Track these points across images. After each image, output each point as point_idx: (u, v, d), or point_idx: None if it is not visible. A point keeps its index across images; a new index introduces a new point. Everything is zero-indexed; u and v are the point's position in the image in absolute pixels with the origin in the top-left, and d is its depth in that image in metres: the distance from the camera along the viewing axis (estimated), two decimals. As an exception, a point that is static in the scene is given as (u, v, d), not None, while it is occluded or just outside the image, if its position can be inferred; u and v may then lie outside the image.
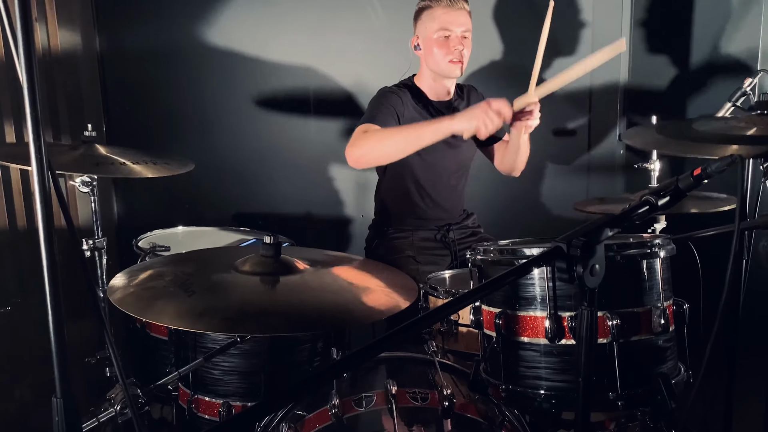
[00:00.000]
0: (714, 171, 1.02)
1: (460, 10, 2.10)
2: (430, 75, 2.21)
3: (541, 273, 1.26)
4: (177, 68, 2.82)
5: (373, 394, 1.33)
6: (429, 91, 2.23)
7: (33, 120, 0.87)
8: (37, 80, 0.86)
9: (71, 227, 1.04)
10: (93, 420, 1.38)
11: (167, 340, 1.80)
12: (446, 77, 2.19)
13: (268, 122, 2.88)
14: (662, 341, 1.28)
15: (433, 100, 2.23)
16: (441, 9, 2.10)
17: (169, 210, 2.77)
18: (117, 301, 1.27)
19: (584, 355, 1.00)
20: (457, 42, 2.10)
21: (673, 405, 1.23)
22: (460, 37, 2.11)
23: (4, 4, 0.91)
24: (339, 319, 1.32)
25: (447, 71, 2.15)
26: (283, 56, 2.83)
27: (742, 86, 2.03)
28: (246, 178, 2.91)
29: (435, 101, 2.23)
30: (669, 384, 1.25)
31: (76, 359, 1.96)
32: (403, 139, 1.90)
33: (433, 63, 2.16)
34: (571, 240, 0.95)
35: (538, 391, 1.27)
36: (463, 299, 1.03)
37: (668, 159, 2.17)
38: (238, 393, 1.54)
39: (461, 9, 2.11)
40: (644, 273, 1.28)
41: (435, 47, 2.11)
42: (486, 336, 1.38)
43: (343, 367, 1.06)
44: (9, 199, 2.30)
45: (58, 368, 0.91)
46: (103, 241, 1.94)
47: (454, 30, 2.09)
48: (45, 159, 0.88)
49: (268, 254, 1.41)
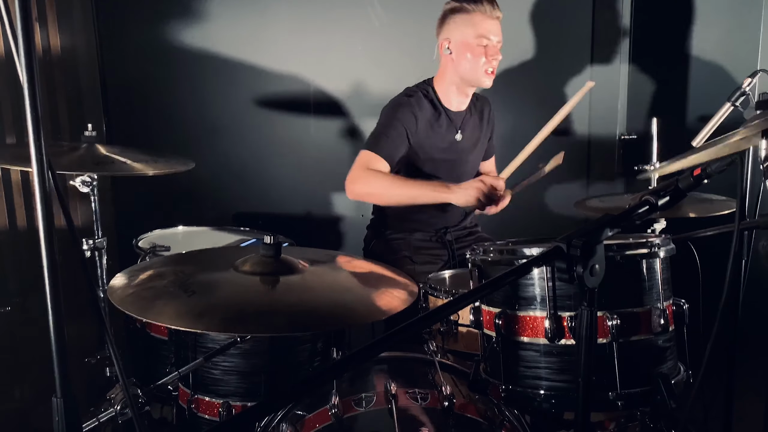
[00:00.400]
0: (714, 171, 1.02)
1: (497, 20, 2.06)
2: (454, 81, 2.14)
3: (541, 273, 1.26)
4: (177, 69, 2.82)
5: (373, 394, 1.33)
6: (446, 98, 2.17)
7: (33, 120, 0.87)
8: (37, 80, 0.86)
9: (71, 227, 1.04)
10: (93, 420, 1.38)
11: (167, 340, 1.80)
12: (476, 86, 2.15)
13: (268, 122, 2.88)
14: (662, 341, 1.28)
15: (450, 109, 2.18)
16: (480, 15, 2.04)
17: (169, 210, 2.77)
18: (117, 301, 1.27)
19: (584, 355, 1.00)
20: (495, 52, 2.06)
21: (673, 405, 1.23)
22: (497, 47, 2.07)
23: (5, 4, 0.91)
24: (339, 319, 1.32)
25: (480, 81, 2.10)
26: (284, 56, 2.83)
27: (741, 86, 2.03)
28: (246, 178, 2.91)
29: (451, 110, 2.19)
30: (669, 384, 1.25)
31: (76, 359, 1.96)
32: (399, 196, 2.02)
33: (466, 70, 2.09)
34: (571, 240, 0.95)
35: (537, 391, 1.27)
36: (463, 299, 1.03)
37: (668, 159, 2.17)
38: (238, 393, 1.54)
39: (498, 18, 2.07)
40: (644, 273, 1.28)
41: (471, 54, 2.06)
42: (486, 336, 1.38)
43: (343, 367, 1.06)
44: (9, 199, 2.30)
45: (58, 368, 0.91)
46: (103, 241, 1.94)
47: (492, 39, 2.05)
48: (45, 159, 0.88)
49: (268, 254, 1.41)
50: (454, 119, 2.19)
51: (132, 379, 1.48)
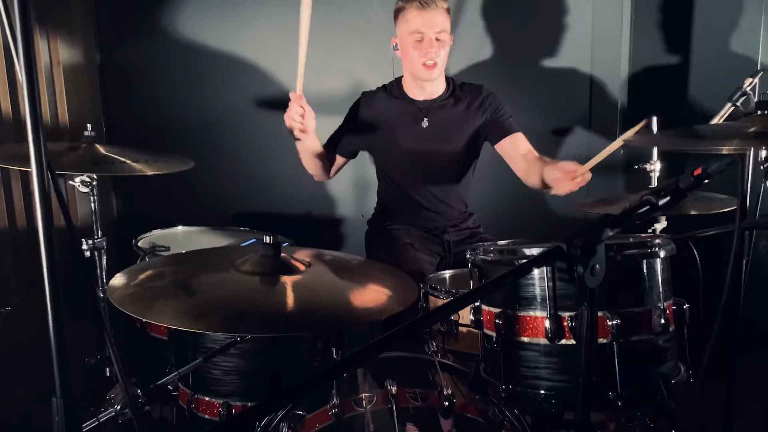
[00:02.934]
0: (714, 171, 1.02)
1: (435, 10, 2.02)
2: (409, 76, 2.21)
3: (541, 273, 1.25)
4: (177, 69, 2.82)
5: (373, 394, 1.33)
6: (411, 89, 2.23)
7: (33, 120, 0.87)
8: (37, 81, 0.86)
9: (71, 227, 1.04)
10: (93, 420, 1.38)
11: (167, 340, 1.80)
12: (420, 79, 2.17)
13: (268, 122, 2.87)
14: (662, 341, 1.28)
15: (416, 99, 2.22)
16: (414, 11, 2.04)
17: (169, 210, 2.77)
18: (117, 301, 1.27)
19: (584, 355, 1.00)
20: (430, 45, 2.05)
21: (673, 405, 1.23)
22: (433, 40, 2.05)
23: (4, 5, 0.91)
24: (339, 319, 1.32)
25: (420, 74, 2.12)
26: (283, 56, 2.83)
27: (742, 86, 2.03)
28: (246, 178, 2.91)
29: (417, 100, 2.22)
30: (669, 384, 1.25)
31: (76, 359, 1.96)
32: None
33: (408, 65, 2.15)
34: (571, 240, 0.95)
35: (538, 391, 1.27)
36: (463, 299, 1.03)
37: (668, 160, 2.17)
38: (238, 393, 1.54)
39: (436, 8, 2.03)
40: (644, 273, 1.28)
41: (410, 49, 2.08)
42: (486, 336, 1.38)
43: (343, 367, 1.06)
44: (9, 199, 2.30)
45: (58, 368, 0.91)
46: (103, 241, 1.94)
47: (427, 32, 2.04)
48: (45, 159, 0.88)
49: (268, 254, 1.41)
50: (421, 107, 2.22)
51: (132, 379, 1.48)
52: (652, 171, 2.15)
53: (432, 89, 2.22)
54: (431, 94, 2.23)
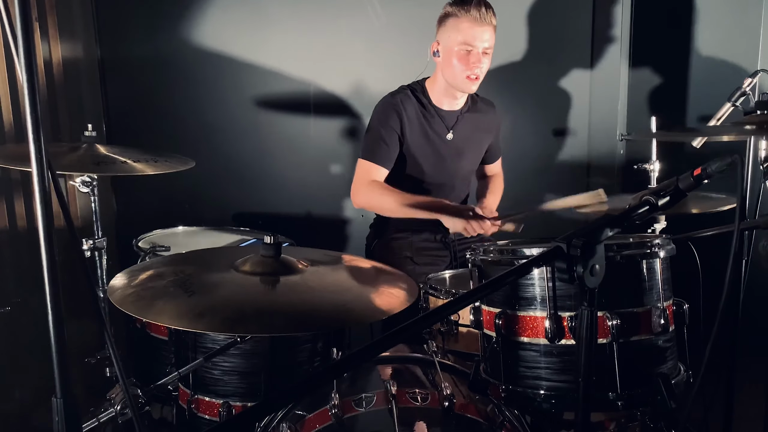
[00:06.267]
0: (714, 171, 1.02)
1: (486, 26, 2.03)
2: (443, 84, 2.16)
3: (541, 273, 1.26)
4: (177, 69, 2.81)
5: (373, 394, 1.33)
6: (438, 99, 2.20)
7: (33, 120, 0.87)
8: (37, 81, 0.86)
9: (71, 227, 1.04)
10: (93, 420, 1.38)
11: (167, 340, 1.80)
12: (459, 90, 2.16)
13: (268, 122, 2.88)
14: (662, 341, 1.28)
15: (441, 108, 2.20)
16: (468, 22, 2.02)
17: (169, 210, 2.77)
18: (117, 301, 1.27)
19: (584, 355, 1.00)
20: (478, 59, 2.05)
21: (673, 405, 1.23)
22: (481, 54, 2.05)
23: (4, 5, 0.91)
24: (339, 319, 1.32)
25: (462, 86, 2.11)
26: (283, 57, 2.83)
27: (741, 86, 2.03)
28: (246, 178, 2.90)
29: (442, 110, 2.20)
30: (669, 384, 1.25)
31: (76, 359, 1.96)
32: (397, 210, 2.09)
33: (449, 74, 2.11)
34: (571, 240, 0.95)
35: (538, 391, 1.27)
36: (463, 299, 1.03)
37: (668, 160, 2.18)
38: (238, 393, 1.54)
39: (488, 24, 2.03)
40: (644, 273, 1.28)
41: (455, 59, 2.06)
42: (486, 336, 1.38)
43: (343, 367, 1.06)
44: (9, 199, 2.30)
45: (58, 368, 0.91)
46: (103, 241, 1.93)
47: (478, 45, 2.04)
48: (45, 159, 0.88)
49: (268, 254, 1.41)
50: (446, 118, 2.21)
51: (132, 379, 1.48)
52: (651, 171, 2.15)
53: (461, 99, 2.23)
54: (457, 104, 2.23)
